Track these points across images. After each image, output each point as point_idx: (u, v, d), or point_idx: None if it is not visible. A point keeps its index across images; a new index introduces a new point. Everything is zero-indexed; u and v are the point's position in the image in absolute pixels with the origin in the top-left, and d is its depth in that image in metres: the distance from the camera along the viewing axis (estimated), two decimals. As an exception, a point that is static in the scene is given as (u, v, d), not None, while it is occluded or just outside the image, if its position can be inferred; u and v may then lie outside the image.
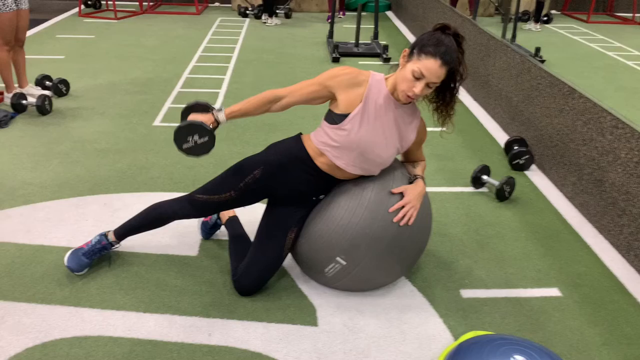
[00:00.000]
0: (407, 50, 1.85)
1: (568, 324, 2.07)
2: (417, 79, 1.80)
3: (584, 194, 2.82)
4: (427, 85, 1.81)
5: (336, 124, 1.93)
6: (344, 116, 1.91)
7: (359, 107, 1.89)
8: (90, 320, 1.99)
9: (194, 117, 1.99)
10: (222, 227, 2.48)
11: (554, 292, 2.24)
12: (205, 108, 2.06)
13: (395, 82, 1.88)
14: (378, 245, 1.97)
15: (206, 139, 1.97)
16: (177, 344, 1.90)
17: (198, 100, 2.10)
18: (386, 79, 1.94)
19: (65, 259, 2.20)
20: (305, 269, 2.20)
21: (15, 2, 3.66)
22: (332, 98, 1.96)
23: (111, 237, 2.24)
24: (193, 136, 1.96)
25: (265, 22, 7.07)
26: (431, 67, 1.77)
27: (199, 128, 1.95)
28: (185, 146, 1.98)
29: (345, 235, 1.97)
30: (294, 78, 4.82)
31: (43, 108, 3.80)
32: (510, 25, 4.60)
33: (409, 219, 1.97)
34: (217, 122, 2.03)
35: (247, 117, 2.06)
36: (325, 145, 1.97)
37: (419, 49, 1.80)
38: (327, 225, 2.01)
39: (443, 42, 1.78)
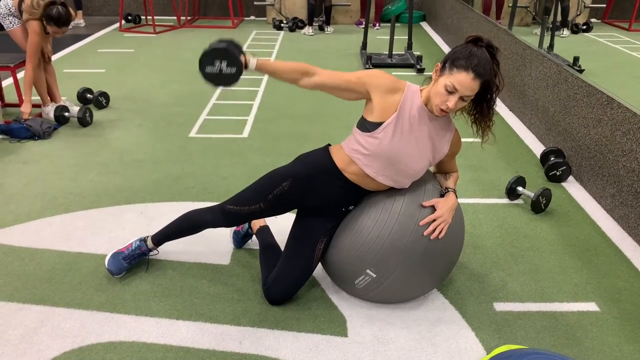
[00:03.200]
0: (439, 64, 1.85)
1: (606, 339, 2.01)
2: (451, 92, 1.79)
3: (624, 207, 2.74)
4: (461, 98, 1.80)
5: (369, 131, 1.93)
6: (377, 124, 1.91)
7: (394, 116, 1.89)
8: (125, 326, 2.03)
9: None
10: (254, 237, 2.51)
11: (591, 306, 2.18)
12: (238, 49, 1.91)
13: (429, 96, 1.88)
14: (409, 259, 1.96)
15: (234, 70, 1.85)
16: (208, 351, 1.93)
17: (233, 40, 1.93)
18: (421, 90, 1.94)
19: (106, 261, 2.27)
20: (336, 280, 2.20)
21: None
22: (366, 97, 1.94)
23: (150, 244, 2.30)
24: (221, 62, 1.84)
25: (304, 32, 7.31)
26: (464, 81, 1.76)
27: (232, 56, 1.83)
28: (209, 69, 1.85)
29: (375, 247, 1.96)
30: (327, 89, 4.85)
31: (84, 120, 3.93)
32: (547, 35, 4.53)
33: (440, 233, 1.95)
34: (245, 64, 1.91)
35: (274, 77, 1.97)
36: (356, 153, 1.97)
37: (450, 62, 1.79)
38: (356, 237, 2.01)
39: (475, 55, 1.76)
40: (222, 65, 1.84)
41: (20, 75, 4.40)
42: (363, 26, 6.40)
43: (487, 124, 1.95)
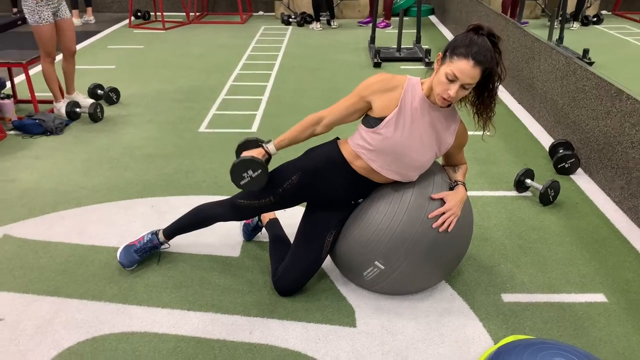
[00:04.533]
0: (440, 53, 1.86)
1: (614, 330, 2.02)
2: (451, 81, 1.80)
3: (633, 198, 2.73)
4: (462, 87, 1.80)
5: (372, 127, 1.95)
6: (379, 120, 1.93)
7: (395, 110, 1.91)
8: (137, 317, 2.07)
9: (245, 153, 2.08)
10: (263, 229, 2.54)
11: (599, 297, 2.19)
12: (255, 144, 2.16)
13: (431, 86, 1.89)
14: (417, 251, 1.97)
15: (259, 171, 2.03)
16: (219, 341, 1.96)
17: (248, 137, 2.21)
18: (422, 82, 1.95)
19: (118, 254, 2.31)
20: (344, 272, 2.22)
21: (55, 15, 3.81)
22: (370, 107, 1.98)
23: (161, 237, 2.34)
24: (247, 171, 2.03)
25: (311, 27, 7.32)
26: (464, 68, 1.76)
27: (250, 163, 2.03)
28: (242, 182, 2.05)
29: (384, 239, 1.98)
30: (335, 84, 4.87)
31: (95, 115, 3.97)
32: (557, 28, 4.51)
33: (449, 226, 1.97)
34: (268, 154, 2.10)
35: (295, 144, 2.11)
36: (361, 148, 1.99)
37: (451, 51, 1.80)
38: (365, 230, 2.03)
39: (475, 43, 1.76)
40: (250, 173, 2.04)
41: (32, 71, 4.46)
42: (367, 24, 6.37)
43: (488, 114, 1.94)
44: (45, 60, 3.91)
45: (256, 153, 2.07)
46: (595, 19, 5.70)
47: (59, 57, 3.99)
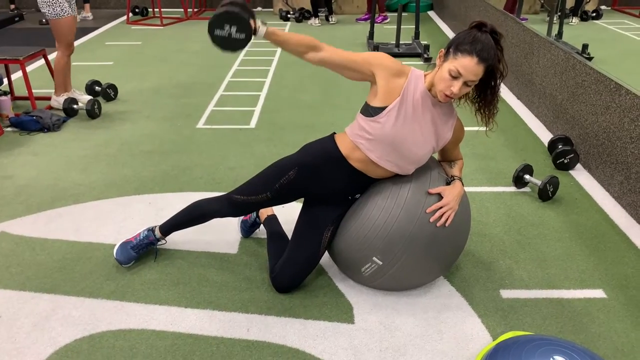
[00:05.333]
0: (443, 50, 1.84)
1: (613, 326, 2.01)
2: (455, 78, 1.79)
3: (632, 194, 2.72)
4: (465, 83, 1.79)
5: (372, 116, 1.93)
6: (380, 109, 1.91)
7: (397, 100, 1.89)
8: (134, 314, 2.06)
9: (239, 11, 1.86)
10: (261, 226, 2.53)
11: (598, 293, 2.18)
12: (251, 14, 1.89)
13: (433, 81, 1.87)
14: (415, 246, 1.97)
15: (243, 36, 1.83)
16: (216, 338, 1.95)
17: (245, 4, 1.91)
18: (425, 75, 1.94)
19: (115, 251, 2.30)
20: (342, 268, 2.21)
21: (71, 7, 3.82)
22: (371, 79, 1.93)
23: (158, 234, 2.32)
24: (231, 27, 1.81)
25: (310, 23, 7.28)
26: (468, 65, 1.76)
27: (243, 22, 1.81)
28: (217, 32, 1.83)
29: (382, 235, 1.97)
30: (334, 79, 4.85)
31: (92, 112, 3.96)
32: (556, 23, 4.49)
33: (447, 221, 1.96)
34: (255, 31, 1.90)
35: (281, 47, 1.97)
36: (360, 138, 1.97)
37: (454, 47, 1.79)
38: (363, 225, 2.02)
39: (479, 40, 1.76)
40: (232, 30, 1.82)
41: (29, 68, 4.44)
42: (364, 20, 6.37)
43: (491, 111, 1.94)
44: (64, 53, 3.93)
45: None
46: (594, 14, 5.68)
47: (54, 55, 3.97)
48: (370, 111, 1.94)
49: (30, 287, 2.21)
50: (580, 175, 3.14)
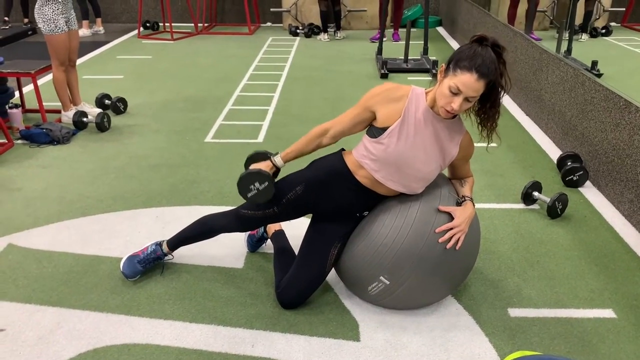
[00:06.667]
0: (443, 65, 1.84)
1: (623, 347, 1.98)
2: (455, 94, 1.78)
3: (643, 212, 2.69)
4: (466, 99, 1.79)
5: (375, 137, 1.94)
6: (382, 130, 1.92)
7: (398, 121, 1.89)
8: (139, 329, 2.05)
9: (254, 166, 2.09)
10: (268, 241, 2.52)
11: (608, 313, 2.15)
12: (264, 156, 2.15)
13: (435, 97, 1.87)
14: (423, 266, 1.95)
15: (266, 184, 2.04)
16: (221, 354, 1.94)
17: (257, 150, 2.21)
18: (426, 92, 1.94)
19: (121, 264, 2.30)
20: (349, 286, 2.20)
21: (67, 24, 3.87)
22: (375, 117, 1.97)
23: (165, 248, 2.32)
24: (254, 184, 2.04)
25: (319, 38, 7.36)
26: (467, 82, 1.75)
27: (257, 175, 2.04)
28: (250, 195, 2.06)
29: (389, 254, 1.95)
30: (342, 94, 4.87)
31: (102, 125, 3.99)
32: (565, 39, 4.48)
33: (457, 243, 1.94)
34: (275, 167, 2.10)
35: (302, 156, 2.13)
36: (365, 159, 1.98)
37: (454, 63, 1.78)
38: (370, 244, 2.00)
39: (479, 54, 1.74)
40: (257, 185, 2.05)
41: (40, 82, 4.49)
42: (377, 40, 6.38)
43: (491, 125, 1.92)
44: (58, 69, 3.97)
45: (264, 166, 2.07)
46: (604, 30, 5.67)
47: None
48: (374, 132, 1.95)
49: (36, 300, 2.21)
50: (590, 192, 3.12)
